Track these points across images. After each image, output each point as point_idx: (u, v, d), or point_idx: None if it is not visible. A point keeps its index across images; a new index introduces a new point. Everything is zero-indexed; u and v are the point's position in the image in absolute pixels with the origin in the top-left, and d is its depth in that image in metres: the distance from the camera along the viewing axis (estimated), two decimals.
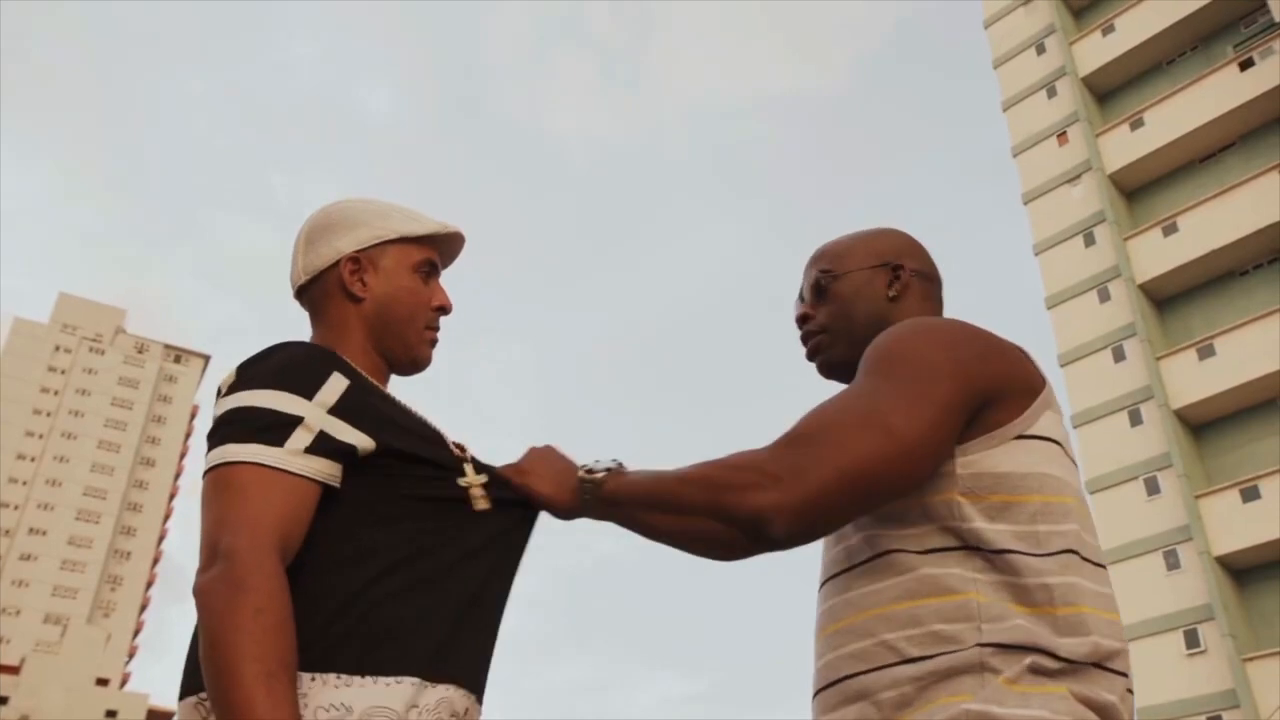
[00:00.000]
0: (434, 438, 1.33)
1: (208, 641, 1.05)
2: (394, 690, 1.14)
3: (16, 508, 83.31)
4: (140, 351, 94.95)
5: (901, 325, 1.25)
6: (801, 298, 1.47)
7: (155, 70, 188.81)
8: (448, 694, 1.19)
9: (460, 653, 1.24)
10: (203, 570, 1.11)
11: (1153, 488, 24.09)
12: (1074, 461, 1.25)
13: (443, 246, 1.49)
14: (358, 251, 1.40)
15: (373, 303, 1.40)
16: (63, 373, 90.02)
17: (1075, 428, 25.88)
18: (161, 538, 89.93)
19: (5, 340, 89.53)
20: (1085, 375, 26.22)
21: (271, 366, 1.26)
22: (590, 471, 1.32)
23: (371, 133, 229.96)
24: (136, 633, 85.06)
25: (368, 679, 1.13)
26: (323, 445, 1.21)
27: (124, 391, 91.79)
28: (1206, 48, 27.72)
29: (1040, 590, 1.11)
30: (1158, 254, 25.94)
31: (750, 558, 1.21)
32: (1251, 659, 21.13)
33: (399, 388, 1.50)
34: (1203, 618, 22.19)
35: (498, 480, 1.36)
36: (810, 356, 1.45)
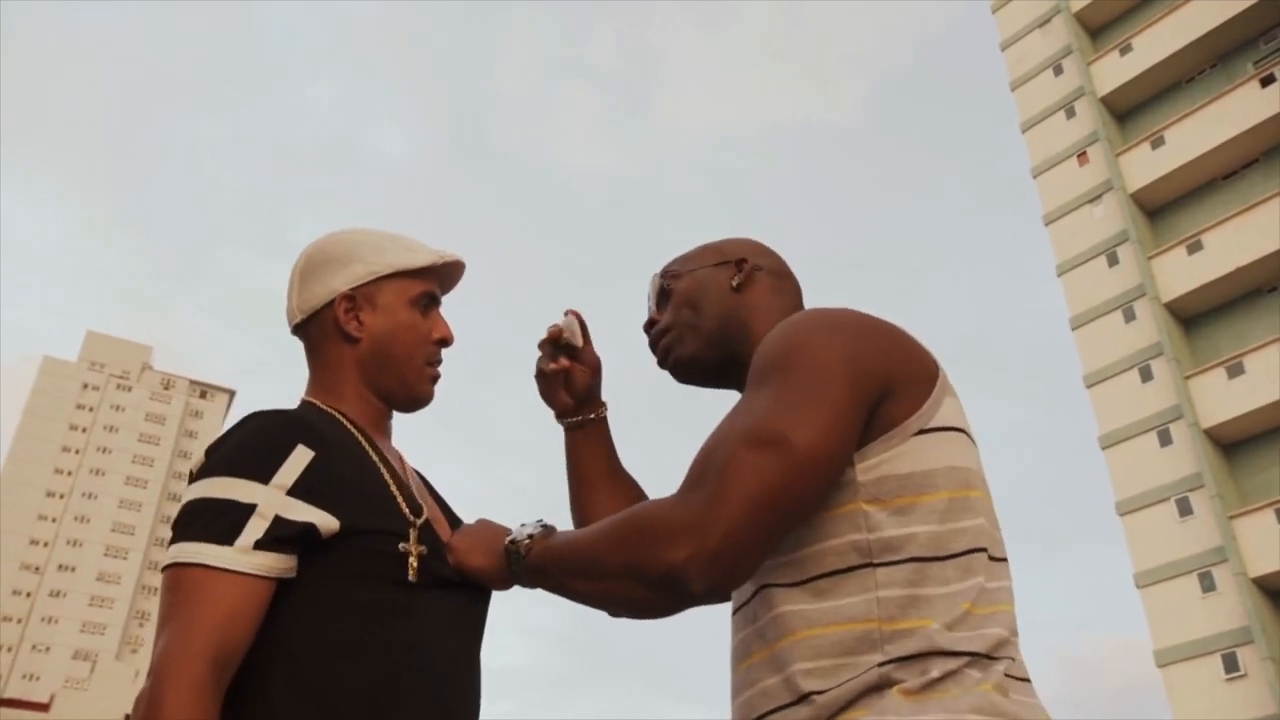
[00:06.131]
0: (389, 500, 1.26)
1: None
2: None
3: (46, 545, 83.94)
4: (166, 388, 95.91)
5: (788, 322, 1.19)
6: (649, 310, 1.44)
7: (174, 114, 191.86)
8: None
9: None
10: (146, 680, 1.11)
11: (1185, 509, 23.74)
12: (975, 443, 1.19)
13: (442, 275, 1.43)
14: (353, 289, 1.35)
15: (370, 342, 1.35)
16: (91, 410, 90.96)
17: (1104, 449, 25.60)
18: None
19: (35, 379, 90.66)
20: (1112, 396, 25.96)
21: (232, 448, 1.21)
22: (514, 541, 1.26)
23: (385, 171, 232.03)
24: None
25: None
26: (277, 533, 1.16)
27: (151, 427, 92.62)
28: (1226, 65, 27.61)
29: (944, 599, 1.07)
30: (1182, 272, 25.73)
31: (674, 615, 1.15)
32: None
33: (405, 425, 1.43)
34: (1241, 641, 21.77)
35: (440, 555, 1.28)
36: (661, 362, 1.41)
